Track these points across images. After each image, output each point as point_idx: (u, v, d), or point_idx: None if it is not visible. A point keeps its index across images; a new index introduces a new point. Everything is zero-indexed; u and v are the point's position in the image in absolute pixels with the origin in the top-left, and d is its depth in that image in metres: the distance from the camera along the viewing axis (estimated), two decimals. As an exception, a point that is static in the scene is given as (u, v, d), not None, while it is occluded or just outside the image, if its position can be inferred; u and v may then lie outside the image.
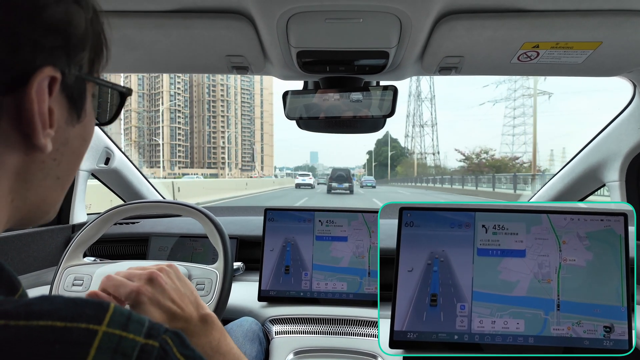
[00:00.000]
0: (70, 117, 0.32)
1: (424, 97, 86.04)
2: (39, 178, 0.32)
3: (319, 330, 0.94)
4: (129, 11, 0.68)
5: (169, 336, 0.27)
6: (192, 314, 0.52)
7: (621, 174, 1.14)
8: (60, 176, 0.34)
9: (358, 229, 1.05)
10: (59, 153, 0.32)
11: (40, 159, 0.31)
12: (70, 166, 0.35)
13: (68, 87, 0.31)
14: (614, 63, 0.85)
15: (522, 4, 0.65)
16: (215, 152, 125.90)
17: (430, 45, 0.76)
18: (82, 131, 0.35)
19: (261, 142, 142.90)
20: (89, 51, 0.32)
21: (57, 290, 0.80)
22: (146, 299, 0.49)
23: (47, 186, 0.33)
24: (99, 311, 0.25)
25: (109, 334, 0.24)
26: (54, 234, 1.24)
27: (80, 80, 0.32)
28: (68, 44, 0.30)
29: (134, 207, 0.88)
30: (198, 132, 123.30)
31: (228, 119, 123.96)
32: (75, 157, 0.35)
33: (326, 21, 0.67)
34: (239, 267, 1.13)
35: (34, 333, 0.22)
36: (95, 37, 0.33)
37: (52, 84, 0.29)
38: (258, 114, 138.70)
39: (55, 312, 0.23)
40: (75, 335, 0.23)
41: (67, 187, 0.36)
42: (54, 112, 0.30)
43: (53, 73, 0.28)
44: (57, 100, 0.30)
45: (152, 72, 0.96)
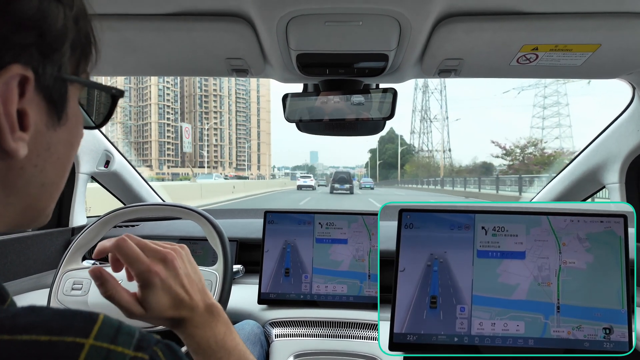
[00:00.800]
0: (51, 121, 0.30)
1: (433, 89, 79.09)
2: (21, 185, 0.30)
3: (319, 333, 0.94)
4: (129, 14, 0.68)
5: (160, 348, 0.26)
6: (199, 303, 0.50)
7: (621, 176, 1.14)
8: (46, 183, 0.32)
9: (358, 232, 1.05)
10: (40, 159, 0.30)
11: (17, 165, 0.28)
12: (57, 172, 0.33)
13: (46, 88, 0.29)
14: (613, 65, 0.85)
15: (521, 6, 0.66)
16: (207, 151, 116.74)
17: (429, 48, 0.76)
18: (67, 135, 0.32)
19: (258, 140, 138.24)
20: (71, 50, 0.30)
21: (56, 294, 0.80)
22: (158, 281, 0.47)
23: (32, 194, 0.31)
24: (87, 323, 0.24)
25: (96, 348, 0.23)
26: (53, 237, 1.24)
27: (61, 81, 0.30)
28: (42, 41, 0.27)
29: (133, 210, 0.88)
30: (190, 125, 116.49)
31: (221, 115, 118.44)
32: (61, 163, 0.33)
33: (326, 24, 0.67)
34: (238, 270, 1.13)
35: (17, 349, 0.21)
36: (80, 37, 0.31)
37: (24, 84, 0.27)
38: (254, 110, 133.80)
39: (41, 325, 0.23)
40: (60, 350, 0.22)
41: (57, 194, 0.34)
42: (27, 115, 0.28)
43: (22, 72, 0.26)
44: (32, 102, 0.28)
45: (152, 75, 0.96)
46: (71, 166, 0.35)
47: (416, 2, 0.61)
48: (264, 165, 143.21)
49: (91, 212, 1.53)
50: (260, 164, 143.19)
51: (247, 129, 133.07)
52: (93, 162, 1.31)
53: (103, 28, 0.34)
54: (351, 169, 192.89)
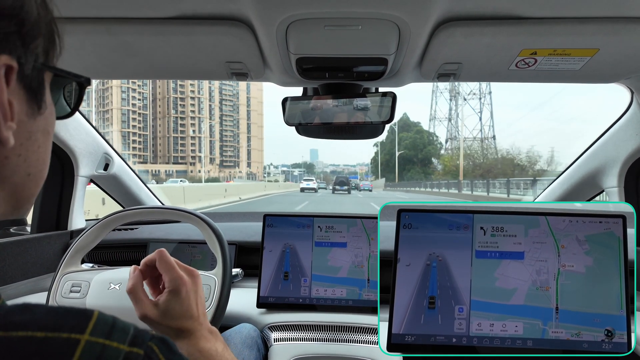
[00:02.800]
0: (31, 110, 0.30)
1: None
2: (6, 175, 0.30)
3: (318, 337, 0.94)
4: (129, 18, 0.68)
5: (155, 343, 0.27)
6: (203, 322, 0.56)
7: (620, 179, 1.15)
8: (31, 172, 0.32)
9: (357, 236, 1.05)
10: (23, 148, 0.30)
11: (2, 154, 0.29)
12: (40, 161, 0.33)
13: (26, 78, 0.29)
14: (611, 70, 0.85)
15: (519, 11, 0.66)
16: (184, 144, 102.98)
17: (428, 52, 0.77)
18: (44, 124, 0.33)
19: (248, 134, 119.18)
20: (43, 39, 0.30)
21: (54, 297, 0.80)
22: (185, 291, 0.54)
23: (18, 183, 0.31)
24: (82, 320, 0.24)
25: (91, 343, 0.23)
26: (52, 240, 1.24)
27: (38, 70, 0.30)
28: (21, 30, 0.27)
29: (132, 213, 0.88)
30: (162, 118, 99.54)
31: (200, 102, 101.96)
32: (42, 151, 0.33)
33: (325, 28, 0.68)
34: (237, 273, 1.13)
35: (12, 345, 0.21)
36: (47, 25, 0.31)
37: (8, 73, 0.27)
38: (243, 100, 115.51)
39: (35, 322, 0.23)
40: (55, 346, 0.22)
41: (41, 181, 0.35)
42: (13, 105, 0.28)
43: (9, 62, 0.26)
44: (15, 92, 0.28)
45: (151, 78, 0.97)
46: (50, 154, 0.36)
47: (415, 7, 0.62)
48: (256, 162, 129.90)
49: (89, 215, 1.53)
50: (251, 160, 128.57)
51: (234, 120, 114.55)
52: (92, 165, 1.31)
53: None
54: (352, 167, 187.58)
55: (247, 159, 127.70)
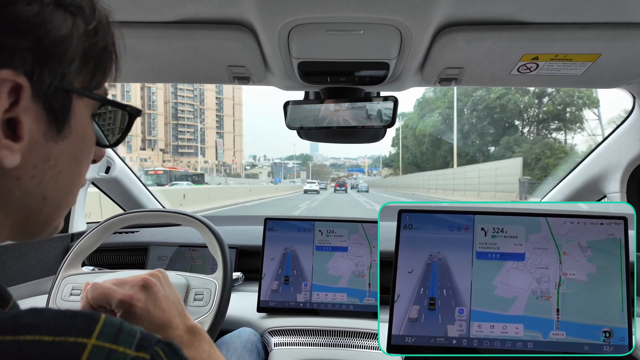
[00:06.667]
0: (50, 132, 0.29)
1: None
2: (19, 196, 0.29)
3: (319, 341, 0.93)
4: (131, 22, 0.69)
5: (161, 347, 0.27)
6: (179, 325, 0.50)
7: (622, 185, 1.14)
8: (47, 197, 0.31)
9: (359, 243, 1.04)
10: (38, 170, 0.29)
11: (12, 174, 0.28)
12: (59, 187, 0.31)
13: (45, 97, 0.28)
14: (613, 75, 0.85)
15: (521, 16, 0.66)
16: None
17: (430, 57, 0.77)
18: (71, 149, 0.31)
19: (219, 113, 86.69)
20: (81, 62, 0.29)
21: (54, 300, 0.79)
22: (139, 309, 0.48)
23: (31, 206, 0.30)
24: (89, 323, 0.24)
25: (98, 347, 0.23)
26: (52, 242, 1.24)
27: (63, 92, 0.29)
28: (38, 47, 0.26)
29: (133, 216, 0.87)
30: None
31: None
32: (65, 177, 0.31)
33: (327, 33, 0.68)
34: (238, 277, 1.13)
35: (20, 349, 0.21)
36: (95, 49, 0.31)
37: (18, 91, 0.26)
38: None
39: (43, 325, 0.23)
40: (63, 350, 0.22)
41: (63, 208, 0.33)
42: (21, 123, 0.27)
43: (13, 77, 0.25)
44: (29, 111, 0.27)
45: (153, 82, 0.97)
46: (80, 182, 0.34)
47: (417, 12, 0.62)
48: (230, 151, 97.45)
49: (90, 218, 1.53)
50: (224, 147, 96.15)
51: (195, 94, 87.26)
52: (93, 168, 1.32)
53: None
54: (354, 159, 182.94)
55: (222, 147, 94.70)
